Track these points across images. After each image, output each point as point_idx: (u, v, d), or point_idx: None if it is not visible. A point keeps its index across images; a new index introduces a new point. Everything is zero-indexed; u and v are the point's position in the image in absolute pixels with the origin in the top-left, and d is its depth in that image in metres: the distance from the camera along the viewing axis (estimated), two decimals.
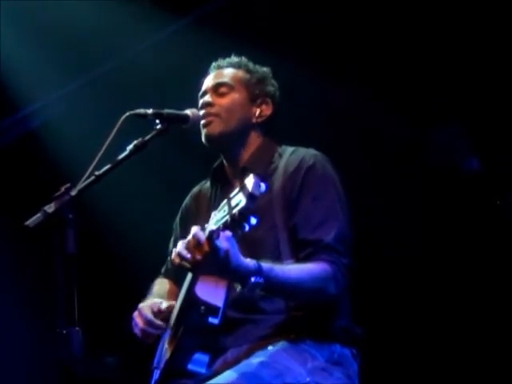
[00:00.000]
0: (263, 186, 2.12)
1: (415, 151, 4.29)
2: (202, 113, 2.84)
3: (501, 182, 4.06)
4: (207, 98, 2.87)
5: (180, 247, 2.31)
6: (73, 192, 2.39)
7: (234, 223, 2.15)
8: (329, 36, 4.29)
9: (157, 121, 2.62)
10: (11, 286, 5.14)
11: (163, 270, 3.11)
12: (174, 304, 2.70)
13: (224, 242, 2.25)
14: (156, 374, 2.65)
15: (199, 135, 2.87)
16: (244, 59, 2.97)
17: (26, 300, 5.05)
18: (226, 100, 2.86)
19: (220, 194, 2.88)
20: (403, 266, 4.14)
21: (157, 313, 2.70)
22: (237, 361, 2.56)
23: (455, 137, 4.24)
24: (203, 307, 2.39)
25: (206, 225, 2.29)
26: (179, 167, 4.62)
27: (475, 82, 4.08)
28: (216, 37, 4.24)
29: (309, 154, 2.78)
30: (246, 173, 2.60)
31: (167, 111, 2.64)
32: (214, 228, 2.22)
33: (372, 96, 4.24)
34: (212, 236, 2.23)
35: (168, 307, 2.69)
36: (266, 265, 2.41)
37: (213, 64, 2.98)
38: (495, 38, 4.00)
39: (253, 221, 2.12)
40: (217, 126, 2.83)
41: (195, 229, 2.28)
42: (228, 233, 2.24)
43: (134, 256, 4.84)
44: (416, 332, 4.11)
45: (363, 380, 2.73)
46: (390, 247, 4.15)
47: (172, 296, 2.88)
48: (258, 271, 2.36)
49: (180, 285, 2.74)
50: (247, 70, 2.93)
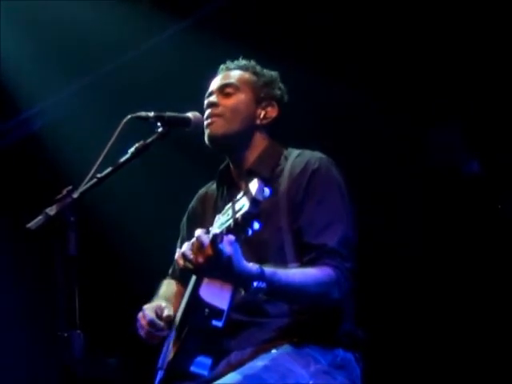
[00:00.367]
0: (267, 191, 2.12)
1: (415, 151, 4.29)
2: (207, 113, 2.85)
3: (501, 184, 4.06)
4: (212, 99, 2.88)
5: (184, 249, 2.31)
6: (75, 194, 2.39)
7: (237, 227, 2.15)
8: (329, 36, 4.29)
9: (158, 124, 2.61)
10: (11, 287, 5.14)
11: (170, 271, 3.10)
12: (173, 315, 2.70)
13: (227, 246, 2.24)
14: (160, 375, 2.65)
15: (201, 138, 2.87)
16: (252, 62, 2.98)
17: (27, 301, 5.05)
18: (231, 100, 2.87)
19: (226, 196, 2.88)
20: (403, 268, 4.14)
21: (160, 316, 2.70)
22: (240, 364, 2.56)
23: (455, 137, 4.25)
24: (207, 310, 2.39)
25: (211, 228, 2.29)
26: (182, 169, 4.62)
27: (475, 82, 4.08)
28: (217, 38, 4.24)
29: (314, 157, 2.78)
30: (252, 176, 2.61)
31: (169, 114, 2.63)
32: (218, 232, 2.22)
33: (372, 96, 4.24)
34: (215, 240, 2.22)
35: (168, 316, 2.69)
36: (269, 269, 2.41)
37: (221, 66, 2.99)
38: (495, 38, 4.00)
39: (256, 225, 2.12)
40: (220, 127, 2.83)
41: (199, 232, 2.28)
42: (231, 237, 2.23)
43: (136, 258, 4.84)
44: (419, 336, 4.11)
45: None
46: (390, 248, 4.15)
47: (179, 297, 2.87)
48: (261, 276, 2.36)
49: (187, 285, 2.74)
50: (254, 73, 2.94)
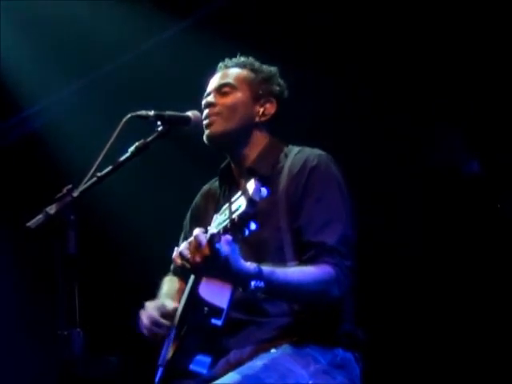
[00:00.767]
0: (264, 191, 2.11)
1: (415, 151, 4.29)
2: (205, 113, 2.85)
3: (501, 184, 4.06)
4: (210, 99, 2.88)
5: (182, 248, 2.31)
6: (74, 193, 2.39)
7: (234, 228, 2.15)
8: (329, 36, 4.29)
9: (158, 122, 2.61)
10: (11, 286, 5.14)
11: (172, 268, 3.10)
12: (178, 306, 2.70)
13: (225, 246, 2.24)
14: (160, 372, 2.65)
15: (201, 136, 2.87)
16: (250, 59, 2.97)
17: (27, 300, 5.06)
18: (229, 99, 2.87)
19: (228, 194, 2.88)
20: (404, 267, 4.14)
21: (163, 313, 2.70)
22: (239, 363, 2.56)
23: (455, 137, 4.25)
24: (206, 308, 2.39)
25: (209, 227, 2.29)
26: (182, 168, 4.62)
27: (475, 82, 4.07)
28: (217, 38, 4.23)
29: (313, 155, 2.78)
30: (252, 174, 2.62)
31: (169, 113, 2.64)
32: (215, 231, 2.22)
33: (372, 96, 4.24)
34: (213, 239, 2.22)
35: (173, 310, 2.69)
36: (267, 268, 2.40)
37: (220, 64, 2.99)
38: (495, 38, 4.00)
39: (252, 226, 2.12)
40: (219, 126, 2.84)
41: (197, 231, 2.28)
42: (229, 237, 2.23)
43: (136, 256, 4.84)
44: (418, 336, 4.10)
45: None
46: (390, 248, 4.15)
47: (181, 294, 2.87)
48: (259, 275, 2.35)
49: (187, 282, 2.74)
50: (252, 70, 2.93)
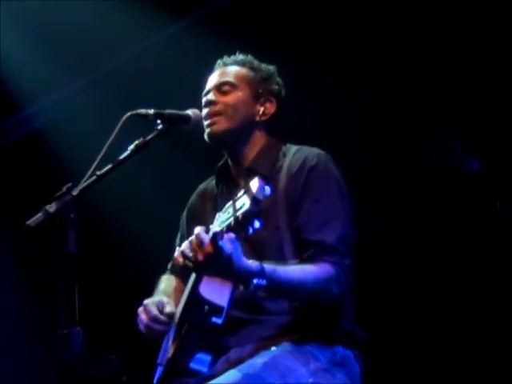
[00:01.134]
0: (268, 190, 2.12)
1: (415, 151, 4.29)
2: (206, 111, 2.84)
3: (501, 183, 4.06)
4: (210, 97, 2.87)
5: (184, 246, 2.31)
6: (74, 192, 2.39)
7: (238, 226, 2.16)
8: (329, 35, 4.29)
9: (158, 121, 2.61)
10: (11, 286, 5.14)
11: (169, 266, 3.10)
12: (175, 310, 2.70)
13: (227, 244, 2.25)
14: (159, 371, 2.65)
15: (201, 135, 2.87)
16: (249, 57, 2.96)
17: (26, 300, 5.06)
18: (230, 98, 2.86)
19: (225, 193, 2.88)
20: (403, 267, 4.14)
21: (162, 311, 2.70)
22: (239, 361, 2.57)
23: (455, 137, 4.25)
24: (207, 306, 2.39)
25: (211, 225, 2.30)
26: (181, 166, 4.62)
27: (475, 82, 4.08)
28: (217, 37, 4.23)
29: (312, 154, 2.78)
30: (251, 173, 2.62)
31: (168, 111, 2.64)
32: (218, 230, 2.23)
33: (372, 96, 4.24)
34: (216, 237, 2.23)
35: (170, 313, 2.69)
36: (269, 266, 2.41)
37: (218, 61, 2.98)
38: (495, 38, 4.00)
39: (256, 224, 2.13)
40: (221, 124, 2.83)
41: (198, 229, 2.28)
42: (231, 235, 2.24)
43: (136, 255, 4.84)
44: (418, 333, 4.10)
45: (365, 382, 2.73)
46: (390, 247, 4.15)
47: (179, 293, 2.87)
48: (261, 273, 2.36)
49: (186, 281, 2.74)
50: (251, 68, 2.92)
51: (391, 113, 4.20)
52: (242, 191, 2.15)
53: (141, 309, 2.74)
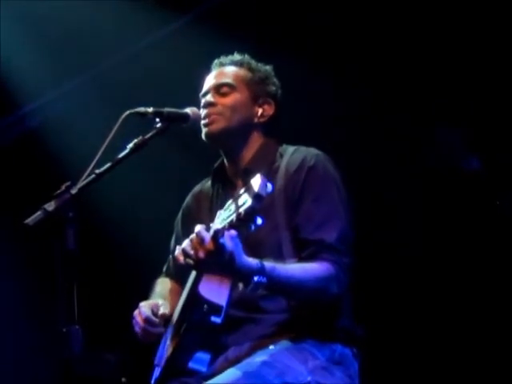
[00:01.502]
0: (270, 187, 2.13)
1: (415, 151, 4.29)
2: (205, 112, 2.83)
3: (500, 182, 4.06)
4: (209, 98, 2.86)
5: (184, 245, 2.31)
6: (73, 190, 2.39)
7: (240, 223, 2.16)
8: (329, 35, 4.29)
9: (157, 119, 2.61)
10: (11, 286, 5.14)
11: (165, 269, 3.11)
12: (168, 313, 2.71)
13: (229, 241, 2.25)
14: (157, 371, 2.65)
15: (199, 134, 2.87)
16: (246, 57, 2.95)
17: (26, 299, 5.05)
18: (229, 100, 2.84)
19: (222, 194, 2.88)
20: (403, 266, 4.14)
21: (156, 313, 2.70)
22: (238, 359, 2.57)
23: (455, 136, 4.25)
24: (206, 306, 2.40)
25: (211, 224, 2.30)
26: (180, 165, 4.62)
27: (475, 82, 4.08)
28: (217, 36, 4.23)
29: (310, 154, 2.77)
30: (249, 173, 2.62)
31: (167, 110, 2.63)
32: (220, 227, 2.23)
33: (372, 96, 4.24)
34: (217, 235, 2.23)
35: (163, 314, 2.69)
36: (269, 264, 2.41)
37: (215, 61, 2.96)
38: (495, 38, 4.00)
39: (259, 221, 2.14)
40: (220, 124, 2.82)
41: (199, 227, 2.28)
42: (233, 232, 2.25)
43: (135, 254, 4.84)
44: (416, 331, 4.11)
45: (364, 380, 2.73)
46: (390, 247, 4.15)
47: (174, 295, 2.89)
48: (261, 270, 2.36)
49: (181, 284, 2.75)
50: (249, 69, 2.91)
51: (391, 113, 4.20)
52: (244, 188, 2.16)
53: (136, 311, 2.74)
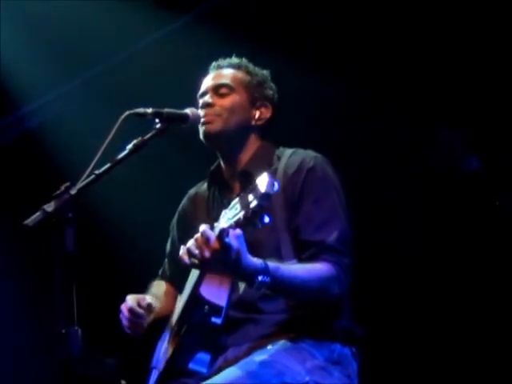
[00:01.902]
0: (276, 185, 2.13)
1: (415, 151, 4.29)
2: (203, 113, 2.83)
3: (500, 182, 4.06)
4: (208, 99, 2.86)
5: (189, 245, 2.31)
6: (72, 191, 2.39)
7: (247, 221, 2.16)
8: (329, 35, 4.29)
9: (156, 120, 2.61)
10: (11, 286, 5.14)
11: (160, 272, 3.13)
12: (154, 305, 2.71)
13: (234, 240, 2.26)
14: (154, 374, 2.66)
15: (198, 134, 2.87)
16: (244, 60, 2.96)
17: (26, 300, 5.05)
18: (227, 101, 2.85)
19: (218, 196, 2.89)
20: (403, 266, 4.14)
21: (141, 304, 2.70)
22: (237, 360, 2.57)
23: (455, 137, 4.24)
24: (207, 307, 2.40)
25: (216, 223, 2.30)
26: (179, 167, 4.62)
27: (475, 82, 4.07)
28: (216, 36, 4.24)
29: (309, 156, 2.78)
30: (246, 176, 2.62)
31: (167, 110, 2.63)
32: (226, 226, 2.23)
33: (372, 96, 4.24)
34: (223, 234, 2.23)
35: (148, 305, 2.69)
36: (273, 264, 2.42)
37: (213, 64, 2.97)
38: (495, 38, 4.00)
39: (266, 219, 2.14)
40: (218, 125, 2.82)
41: (204, 227, 2.29)
42: (238, 231, 2.25)
43: (134, 256, 4.83)
44: (416, 331, 4.11)
45: (362, 379, 2.73)
46: (390, 247, 4.15)
47: (168, 297, 2.90)
48: (265, 270, 2.37)
49: (177, 287, 2.76)
50: (247, 72, 2.92)
51: (391, 113, 4.20)
52: (250, 187, 2.16)
53: (123, 304, 2.75)
